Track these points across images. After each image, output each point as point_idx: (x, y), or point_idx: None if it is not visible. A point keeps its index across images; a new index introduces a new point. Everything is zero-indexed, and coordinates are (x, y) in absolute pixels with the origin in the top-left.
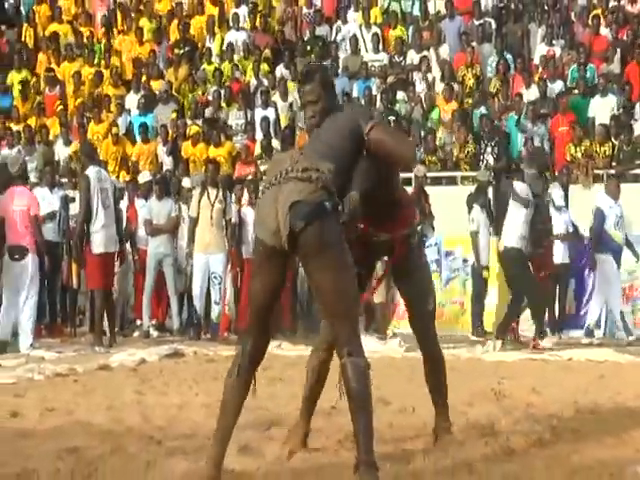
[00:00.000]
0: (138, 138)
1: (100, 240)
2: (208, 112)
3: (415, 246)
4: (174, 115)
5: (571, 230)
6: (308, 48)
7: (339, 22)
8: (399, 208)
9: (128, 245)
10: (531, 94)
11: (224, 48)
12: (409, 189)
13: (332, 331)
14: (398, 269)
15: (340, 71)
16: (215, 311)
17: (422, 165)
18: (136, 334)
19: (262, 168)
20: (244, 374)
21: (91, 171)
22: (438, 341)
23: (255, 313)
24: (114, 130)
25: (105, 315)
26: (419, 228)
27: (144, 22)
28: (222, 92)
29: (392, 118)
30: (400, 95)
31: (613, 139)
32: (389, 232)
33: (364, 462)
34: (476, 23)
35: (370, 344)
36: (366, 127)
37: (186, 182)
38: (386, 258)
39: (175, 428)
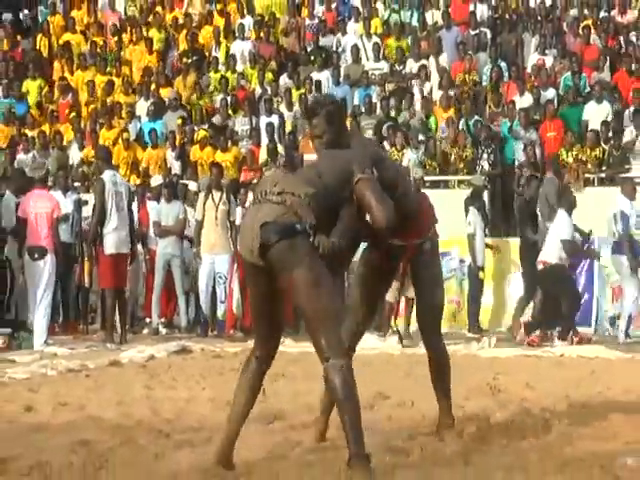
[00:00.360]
0: (148, 143)
1: (112, 241)
2: (216, 120)
3: (428, 250)
4: (180, 121)
5: None
6: (312, 58)
7: (339, 33)
8: (413, 220)
9: (140, 246)
10: (524, 101)
11: (230, 57)
12: None
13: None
14: (410, 266)
15: (342, 79)
16: (221, 309)
17: (420, 168)
18: (145, 331)
19: (267, 174)
20: (254, 375)
21: (106, 175)
22: (442, 339)
23: (256, 321)
24: (125, 136)
25: (117, 313)
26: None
27: (153, 32)
28: (228, 99)
29: (390, 124)
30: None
31: (603, 144)
32: (403, 240)
33: (355, 455)
34: (472, 33)
35: (370, 341)
36: (356, 177)
37: (192, 186)
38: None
39: (183, 421)
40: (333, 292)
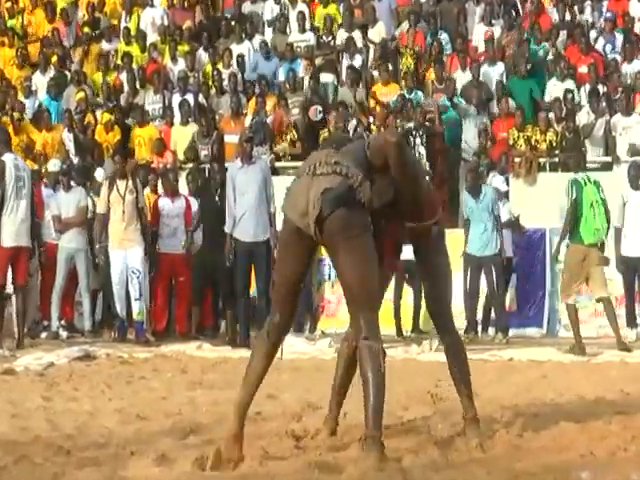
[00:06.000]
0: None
1: (10, 232)
2: (122, 97)
3: (436, 235)
4: (80, 95)
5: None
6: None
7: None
8: (425, 202)
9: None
10: (467, 77)
11: (140, 27)
12: None
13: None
14: (419, 254)
15: (267, 52)
16: (136, 308)
17: None
18: (43, 335)
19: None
20: (272, 338)
21: (7, 157)
22: (455, 327)
23: (282, 284)
24: (16, 115)
25: (15, 315)
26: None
27: None
28: (136, 74)
29: (319, 109)
30: (329, 78)
31: (555, 126)
32: (413, 222)
33: (371, 437)
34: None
35: (299, 345)
36: (365, 147)
37: (98, 173)
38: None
39: (86, 436)
40: (378, 274)
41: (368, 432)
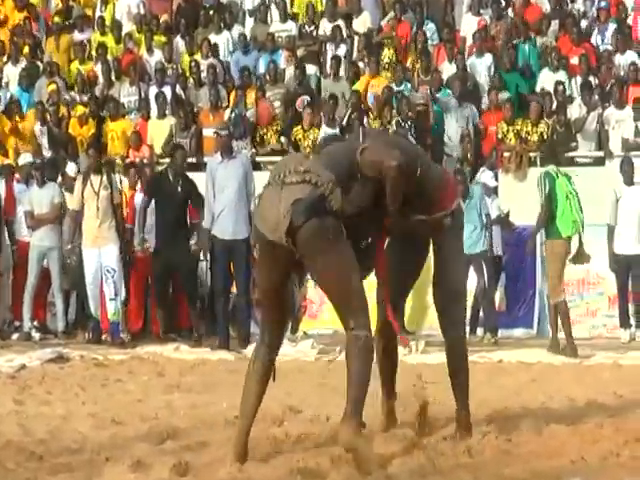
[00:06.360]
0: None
1: None
2: (97, 89)
3: (449, 226)
4: (52, 87)
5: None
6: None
7: None
8: (435, 193)
9: (6, 236)
10: (454, 68)
11: (115, 17)
12: None
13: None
14: (433, 248)
15: (248, 43)
16: (111, 308)
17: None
18: (15, 337)
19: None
20: (265, 363)
21: None
22: (460, 327)
23: (267, 303)
24: None
25: None
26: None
27: None
28: (111, 66)
29: (307, 99)
30: (312, 70)
31: (546, 119)
32: (425, 214)
33: (349, 416)
34: None
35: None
36: (358, 150)
37: (70, 168)
38: None
39: (59, 441)
40: (359, 273)
41: (347, 413)
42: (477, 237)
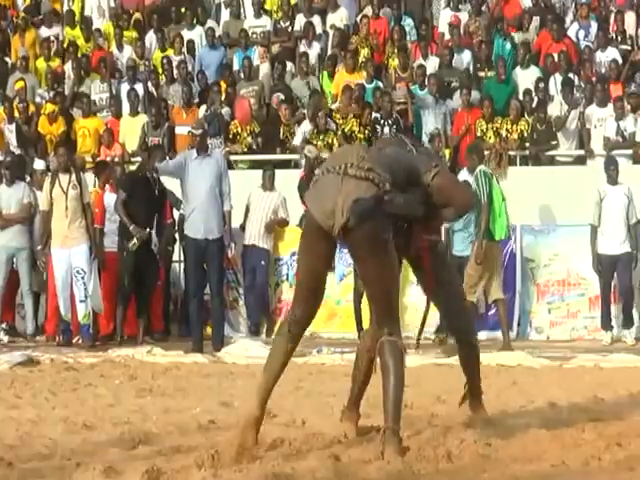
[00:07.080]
0: None
1: None
2: (67, 86)
3: (442, 249)
4: (20, 84)
5: None
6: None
7: None
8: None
9: None
10: (433, 64)
11: (85, 12)
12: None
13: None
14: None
15: (217, 39)
16: (81, 311)
17: (313, 146)
18: None
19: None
20: (290, 337)
21: None
22: (476, 338)
23: (304, 280)
24: None
25: None
26: None
27: None
28: (81, 62)
29: (281, 97)
30: (287, 66)
31: (527, 116)
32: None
33: (390, 429)
34: None
35: (254, 349)
36: (430, 172)
37: (39, 164)
38: None
39: (29, 447)
40: (399, 279)
41: (387, 424)
42: (469, 240)
